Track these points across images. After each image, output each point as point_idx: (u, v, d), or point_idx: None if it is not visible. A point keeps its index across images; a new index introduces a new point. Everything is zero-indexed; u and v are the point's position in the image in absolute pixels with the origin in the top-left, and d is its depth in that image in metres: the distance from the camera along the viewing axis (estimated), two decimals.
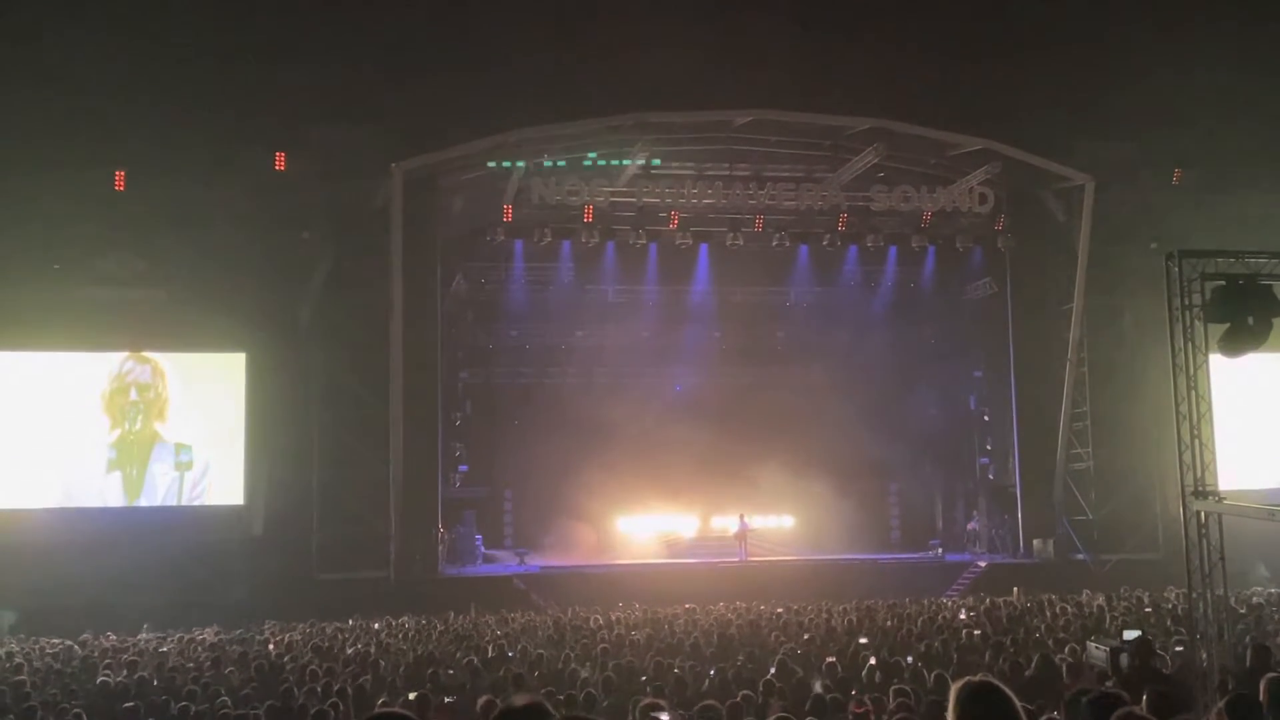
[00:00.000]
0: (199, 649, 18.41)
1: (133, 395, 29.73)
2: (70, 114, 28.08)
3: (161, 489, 29.66)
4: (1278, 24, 33.00)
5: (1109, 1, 36.57)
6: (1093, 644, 13.55)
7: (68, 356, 29.35)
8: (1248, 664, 12.06)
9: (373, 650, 17.14)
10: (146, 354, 29.83)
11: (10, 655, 17.45)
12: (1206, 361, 15.92)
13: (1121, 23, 34.82)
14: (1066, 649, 14.01)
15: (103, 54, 30.15)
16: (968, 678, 4.40)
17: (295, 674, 14.61)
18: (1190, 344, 15.87)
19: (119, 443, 29.61)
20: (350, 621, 22.60)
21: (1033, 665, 12.76)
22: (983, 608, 21.64)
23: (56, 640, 19.93)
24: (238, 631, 20.97)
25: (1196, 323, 15.83)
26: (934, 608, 22.30)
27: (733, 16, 36.97)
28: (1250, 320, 14.88)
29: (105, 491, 29.37)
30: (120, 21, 30.88)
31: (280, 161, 29.71)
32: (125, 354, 29.72)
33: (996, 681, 4.36)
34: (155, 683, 14.27)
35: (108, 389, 29.57)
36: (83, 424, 29.34)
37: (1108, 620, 18.58)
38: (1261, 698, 7.35)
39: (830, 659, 13.59)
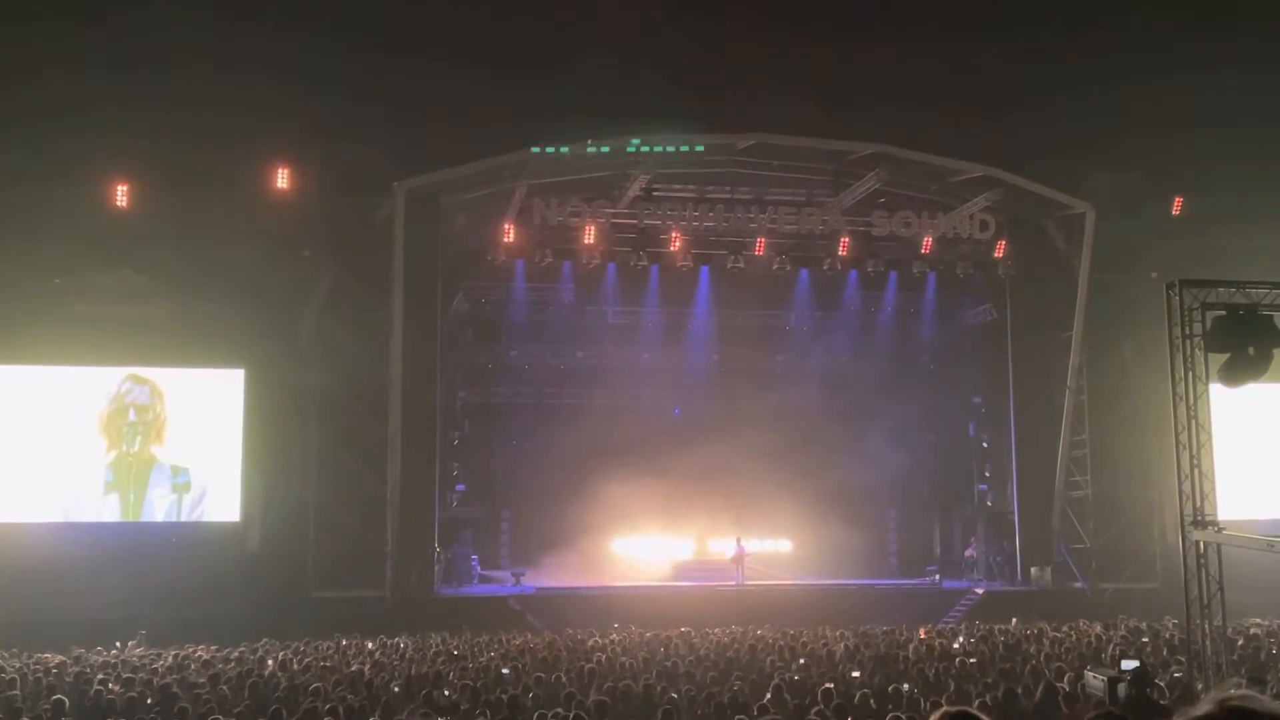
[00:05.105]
0: (193, 665, 18.32)
1: (131, 416, 29.63)
2: (71, 129, 28.09)
3: (160, 512, 29.56)
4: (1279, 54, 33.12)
5: (1111, 31, 36.70)
6: (1090, 673, 13.48)
7: (67, 371, 29.26)
8: None
9: (367, 669, 17.06)
10: (145, 375, 29.70)
11: (3, 669, 17.36)
12: (1207, 391, 15.94)
13: (1124, 52, 34.96)
14: (1065, 678, 13.95)
15: (104, 68, 30.24)
16: (945, 707, 4.35)
17: (289, 692, 14.53)
18: (1190, 373, 15.90)
19: (116, 464, 29.48)
20: (345, 640, 22.50)
21: (1036, 694, 12.71)
22: (979, 635, 21.58)
23: (50, 655, 19.83)
24: (233, 649, 20.85)
25: (1197, 352, 15.86)
26: (930, 634, 22.22)
27: (735, 41, 37.14)
28: (1251, 351, 14.91)
29: (103, 513, 29.26)
30: (121, 37, 30.97)
31: (282, 178, 29.74)
32: (124, 375, 29.60)
33: (974, 711, 4.31)
34: (148, 699, 14.20)
35: (106, 410, 29.45)
36: (81, 442, 29.20)
37: (1105, 649, 18.51)
38: None
39: (827, 685, 13.51)
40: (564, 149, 30.35)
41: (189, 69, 30.90)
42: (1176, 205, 32.68)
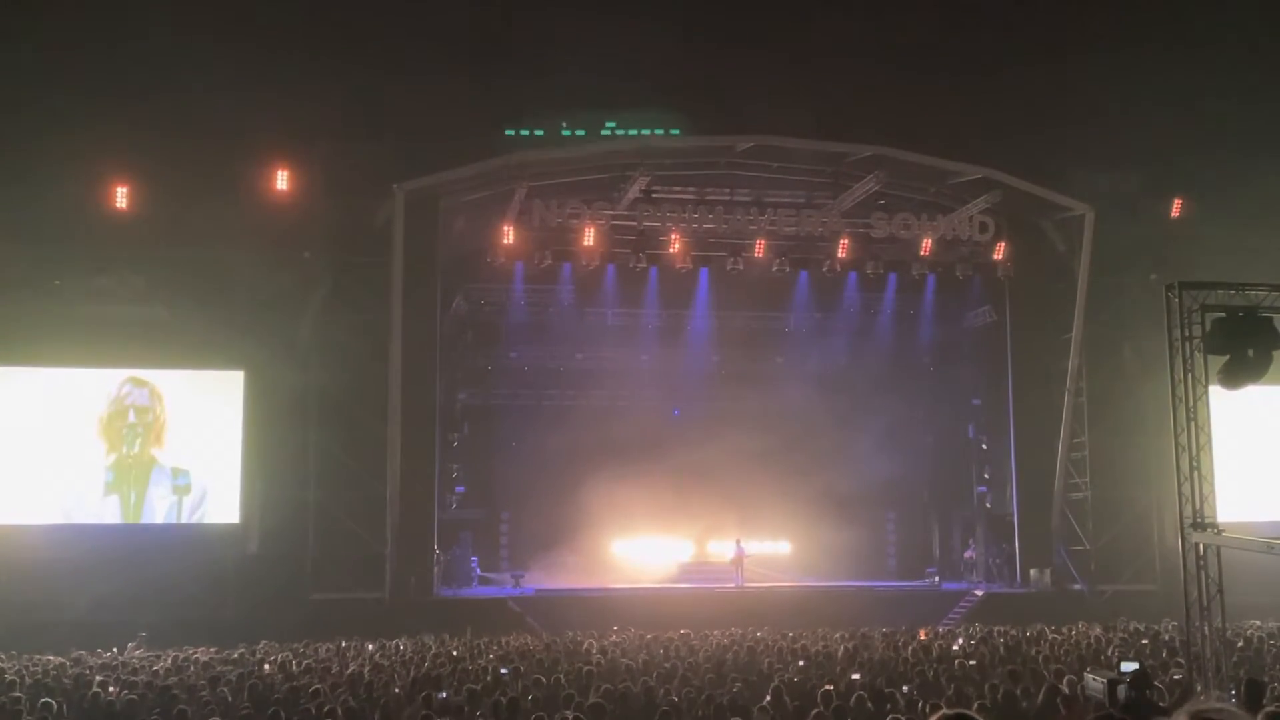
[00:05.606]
0: (192, 667, 18.31)
1: (131, 418, 29.62)
2: (71, 130, 28.10)
3: (160, 513, 29.56)
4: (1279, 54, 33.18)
5: (1112, 34, 36.72)
6: (1090, 675, 13.47)
7: (67, 373, 29.26)
8: (1241, 699, 12.01)
9: (367, 671, 17.04)
10: (144, 377, 29.71)
11: (3, 671, 17.35)
12: (1206, 393, 15.93)
13: (1123, 54, 34.96)
14: (1064, 680, 13.93)
15: (104, 71, 30.26)
16: (944, 710, 4.36)
17: (288, 694, 14.52)
18: (1190, 375, 15.89)
19: (116, 466, 29.49)
20: (344, 642, 22.48)
21: (1036, 696, 12.71)
22: (979, 637, 21.57)
23: (51, 657, 19.82)
24: (232, 651, 20.84)
25: (1196, 354, 15.85)
26: (930, 636, 22.21)
27: (734, 44, 37.18)
28: (1250, 353, 14.90)
29: (103, 514, 29.26)
30: (121, 40, 30.99)
31: (282, 180, 29.74)
32: (123, 377, 29.60)
33: (973, 714, 4.32)
34: (148, 701, 14.19)
35: (105, 412, 29.43)
36: (81, 444, 29.22)
37: (1105, 651, 18.50)
38: None
39: (826, 687, 13.51)
40: (539, 131, 30.43)
41: (189, 71, 30.92)
42: (1176, 207, 32.69)
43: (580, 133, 30.58)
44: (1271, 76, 32.89)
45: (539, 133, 30.37)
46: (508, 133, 30.15)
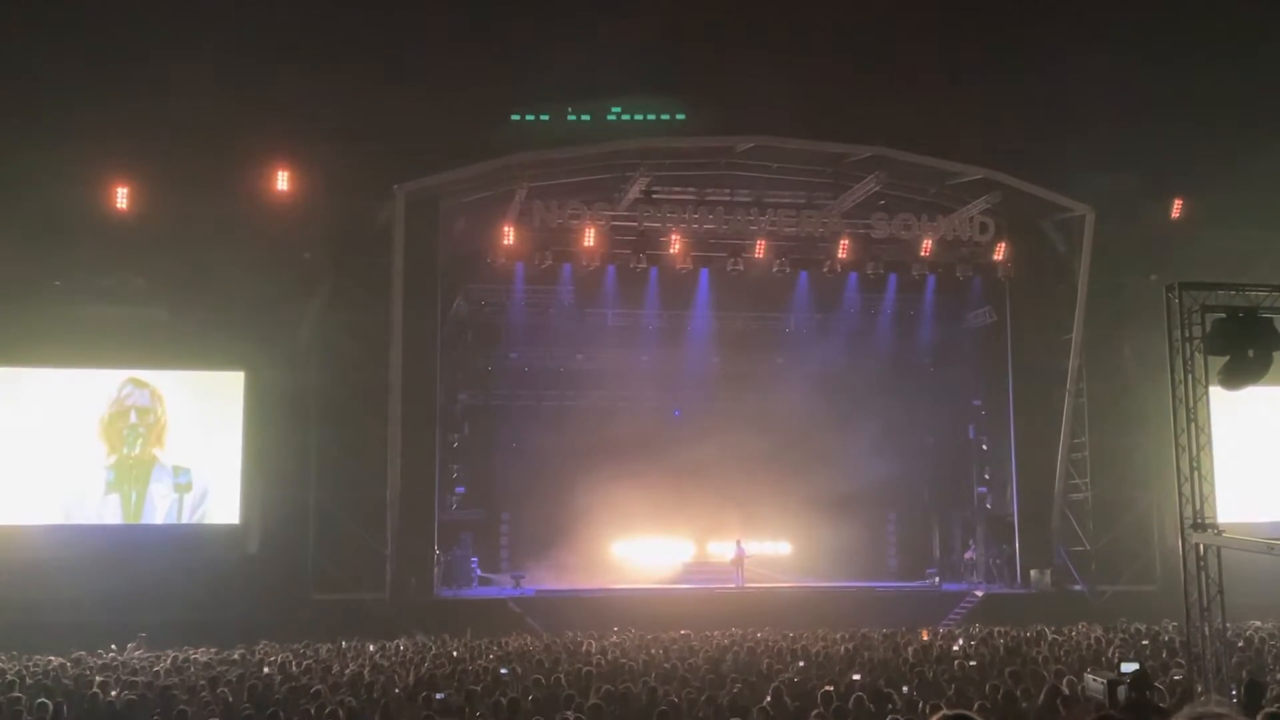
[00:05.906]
0: (193, 668, 18.31)
1: (132, 418, 29.63)
2: (72, 131, 28.10)
3: (161, 511, 29.56)
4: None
5: (1112, 34, 36.71)
6: (1090, 676, 13.47)
7: (68, 373, 29.26)
8: (1241, 699, 12.01)
9: (367, 672, 17.05)
10: (145, 378, 29.72)
11: (3, 672, 17.35)
12: (1206, 394, 15.92)
13: (1124, 55, 34.96)
14: (1064, 681, 13.94)
15: (105, 71, 30.26)
16: (944, 710, 4.36)
17: (288, 695, 14.53)
18: (1190, 376, 15.88)
19: (117, 466, 29.50)
20: (345, 643, 22.48)
21: (1037, 697, 12.71)
22: (979, 638, 21.58)
23: (50, 657, 19.81)
24: (232, 651, 20.84)
25: (1196, 355, 15.85)
26: (931, 636, 22.22)
27: (735, 44, 37.17)
28: (1250, 353, 14.90)
29: (104, 514, 29.28)
30: (120, 40, 31.00)
31: (282, 181, 29.72)
32: (124, 378, 29.61)
33: (973, 715, 4.32)
34: (148, 701, 14.19)
35: (106, 414, 29.44)
36: (81, 444, 29.23)
37: (1105, 652, 18.50)
38: None
39: (827, 688, 13.51)
40: (544, 116, 30.49)
41: (189, 72, 30.90)
42: (1176, 207, 32.67)
43: (585, 117, 30.63)
44: (1271, 77, 32.84)
45: (544, 117, 30.39)
46: (513, 117, 30.16)
